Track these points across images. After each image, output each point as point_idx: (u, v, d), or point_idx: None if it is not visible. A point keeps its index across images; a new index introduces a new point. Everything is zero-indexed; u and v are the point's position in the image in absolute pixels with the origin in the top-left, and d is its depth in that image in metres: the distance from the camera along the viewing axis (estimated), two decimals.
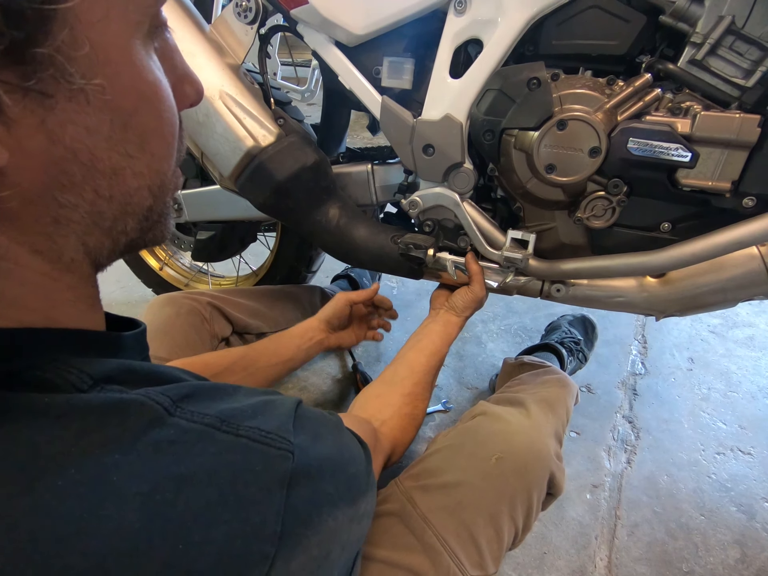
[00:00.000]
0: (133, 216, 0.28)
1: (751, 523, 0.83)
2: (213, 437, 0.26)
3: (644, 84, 0.56)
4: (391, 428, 0.59)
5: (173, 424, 0.25)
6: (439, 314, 0.75)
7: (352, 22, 0.65)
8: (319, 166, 0.75)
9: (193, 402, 0.27)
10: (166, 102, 0.27)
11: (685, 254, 0.60)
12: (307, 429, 0.31)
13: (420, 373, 0.67)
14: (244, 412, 0.28)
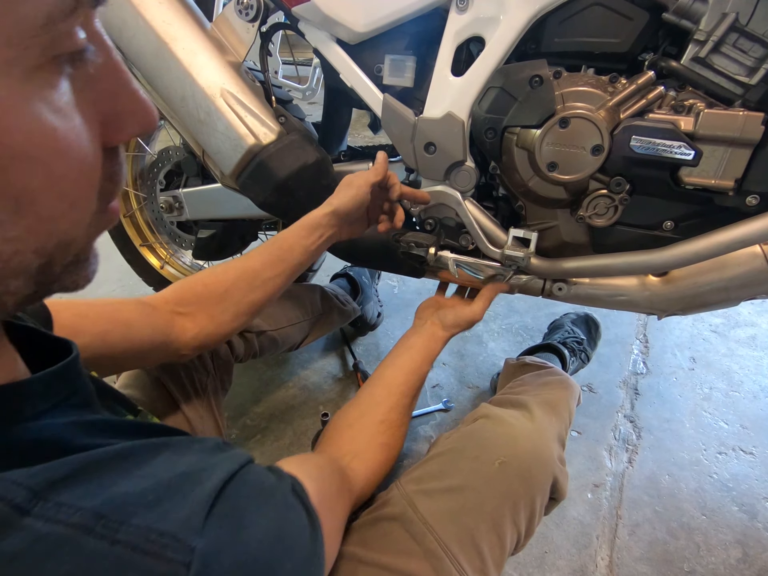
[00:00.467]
0: (18, 277, 0.22)
1: (752, 522, 0.83)
2: (76, 546, 0.20)
3: (647, 82, 0.55)
4: (364, 461, 0.56)
5: (23, 527, 0.20)
6: (425, 326, 0.71)
7: (354, 20, 0.65)
8: (320, 165, 0.75)
9: (70, 488, 0.22)
10: (67, 153, 0.21)
11: (688, 253, 0.60)
12: (229, 518, 0.25)
13: (397, 395, 0.63)
14: (141, 499, 0.23)
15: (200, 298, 0.60)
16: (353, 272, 1.24)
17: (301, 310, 0.96)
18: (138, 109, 0.25)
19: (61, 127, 0.21)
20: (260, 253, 0.64)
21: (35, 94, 0.20)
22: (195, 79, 0.70)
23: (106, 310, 0.51)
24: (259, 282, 0.63)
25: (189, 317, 0.59)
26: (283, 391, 1.09)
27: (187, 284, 0.61)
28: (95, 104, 0.23)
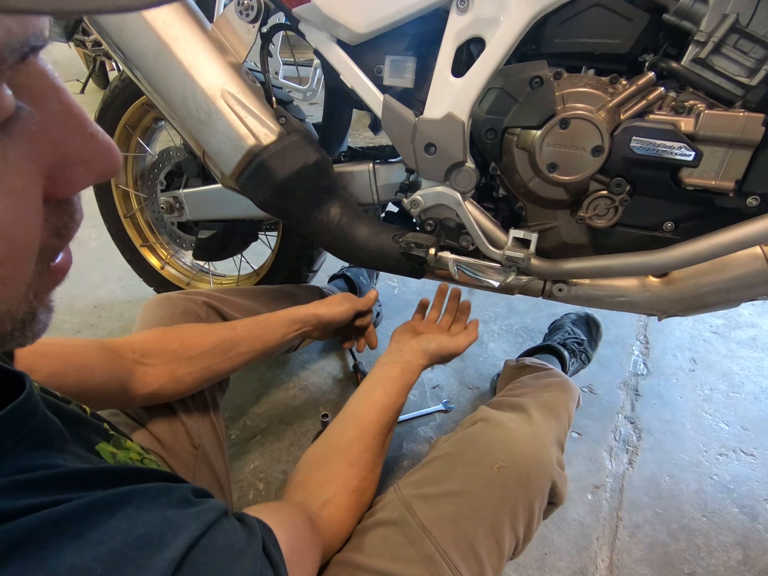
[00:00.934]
0: None
1: (753, 524, 0.83)
2: None
3: (647, 83, 0.55)
4: (335, 508, 0.52)
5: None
6: (402, 353, 0.68)
7: (354, 21, 0.65)
8: (320, 165, 0.75)
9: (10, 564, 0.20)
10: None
11: (688, 254, 0.60)
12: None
13: (371, 434, 0.59)
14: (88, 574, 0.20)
15: (172, 354, 0.61)
16: (351, 273, 1.24)
17: None
18: (93, 157, 0.21)
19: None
20: (245, 327, 0.69)
21: None
22: (195, 80, 0.70)
23: (65, 351, 0.50)
24: (233, 354, 0.66)
25: (152, 370, 0.59)
26: (283, 392, 1.09)
27: (165, 337, 0.62)
28: (36, 159, 0.19)
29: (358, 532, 0.51)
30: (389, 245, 0.77)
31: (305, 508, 0.50)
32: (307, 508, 0.50)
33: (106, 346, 0.56)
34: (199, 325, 0.69)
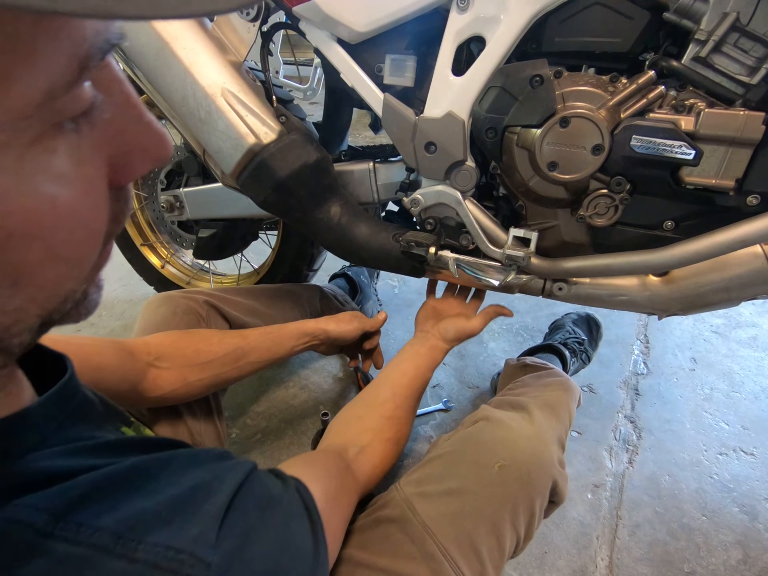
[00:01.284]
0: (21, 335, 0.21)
1: (753, 523, 0.83)
2: (99, 566, 0.21)
3: (648, 81, 0.55)
4: (371, 455, 0.58)
5: (47, 551, 0.20)
6: (427, 338, 0.74)
7: (355, 20, 0.65)
8: (320, 164, 0.75)
9: (86, 508, 0.22)
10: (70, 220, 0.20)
11: (689, 253, 0.60)
12: (239, 529, 0.26)
13: (402, 396, 0.65)
14: (155, 516, 0.23)
15: (186, 359, 0.62)
16: (351, 272, 1.24)
17: (299, 310, 0.96)
18: (150, 144, 0.23)
19: (62, 195, 0.19)
20: (257, 338, 0.71)
21: (32, 167, 0.18)
22: (196, 79, 0.70)
23: (83, 351, 0.51)
24: (243, 363, 0.68)
25: (164, 373, 0.60)
26: (283, 391, 1.09)
27: (180, 342, 0.64)
28: (102, 148, 0.21)
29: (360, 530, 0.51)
30: (389, 244, 0.77)
31: (343, 454, 0.55)
32: (345, 455, 0.55)
33: (122, 346, 0.57)
34: (214, 331, 0.71)
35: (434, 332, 0.74)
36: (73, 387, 0.30)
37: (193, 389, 0.64)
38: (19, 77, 0.16)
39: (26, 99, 0.16)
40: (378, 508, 0.54)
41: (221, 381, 0.67)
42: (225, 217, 0.99)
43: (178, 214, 1.03)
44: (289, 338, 0.74)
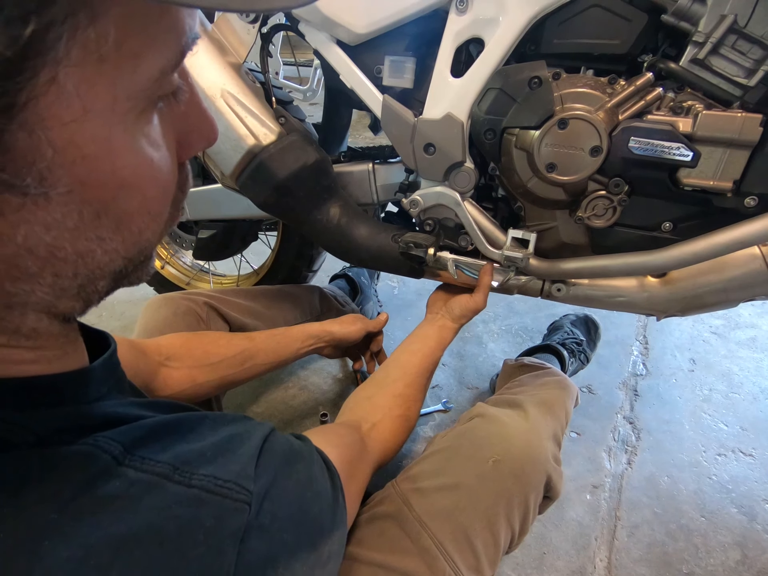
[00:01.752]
0: (105, 278, 0.25)
1: (752, 524, 0.83)
2: (162, 489, 0.24)
3: (646, 83, 0.56)
4: (381, 431, 0.59)
5: (121, 474, 0.24)
6: (436, 319, 0.75)
7: (354, 21, 0.65)
8: (320, 165, 0.75)
9: (147, 446, 0.26)
10: (158, 179, 0.25)
11: (687, 254, 0.60)
12: (270, 469, 0.30)
13: (412, 374, 0.66)
14: (202, 456, 0.27)
15: (196, 360, 0.64)
16: (352, 273, 1.24)
17: (299, 311, 0.97)
18: (204, 126, 0.28)
19: (156, 157, 0.24)
20: (263, 340, 0.72)
21: (140, 132, 0.23)
22: (195, 80, 0.70)
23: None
24: (249, 365, 0.69)
25: (174, 373, 0.62)
26: (283, 391, 1.10)
27: (191, 343, 0.65)
28: (175, 126, 0.26)
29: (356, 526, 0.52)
30: (388, 245, 0.77)
31: (357, 429, 0.57)
32: (358, 430, 0.57)
33: (135, 344, 0.58)
34: (222, 333, 0.73)
35: (442, 313, 0.76)
36: (117, 361, 0.34)
37: (201, 390, 0.65)
38: (146, 57, 0.21)
39: (148, 75, 0.21)
40: (375, 504, 0.54)
41: (228, 383, 0.69)
42: (225, 218, 0.99)
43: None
44: (294, 340, 0.75)
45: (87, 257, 0.23)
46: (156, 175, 0.24)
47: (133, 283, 0.29)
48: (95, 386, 0.30)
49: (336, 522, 0.35)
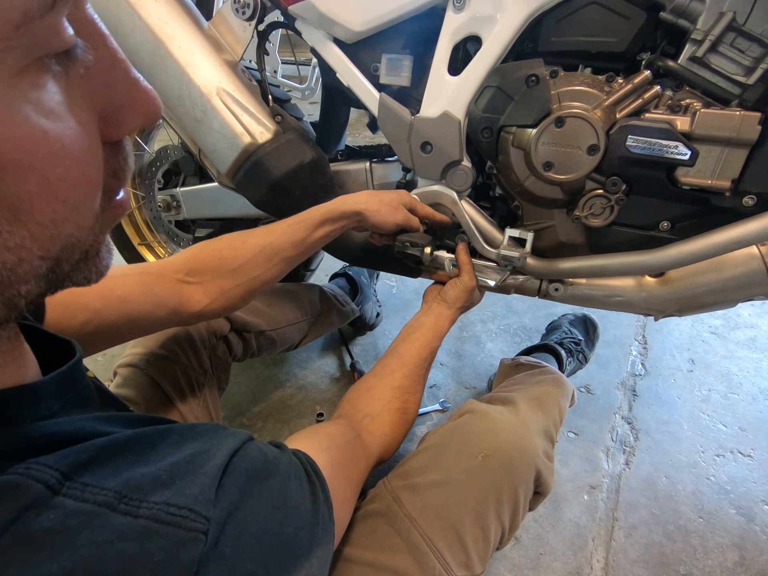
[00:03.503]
0: (28, 282, 0.22)
1: (750, 525, 0.83)
2: (105, 520, 0.22)
3: (643, 81, 0.55)
4: (380, 424, 0.58)
5: (56, 506, 0.21)
6: (431, 307, 0.73)
7: (351, 19, 0.65)
8: (316, 164, 0.75)
9: (92, 470, 0.24)
10: (62, 156, 0.21)
11: (684, 253, 0.60)
12: (234, 488, 0.27)
13: (410, 365, 0.65)
14: (156, 479, 0.25)
15: (215, 270, 0.58)
16: (352, 272, 1.24)
17: (300, 310, 0.96)
18: (137, 100, 0.24)
19: (53, 130, 0.20)
20: (284, 230, 0.63)
21: (21, 97, 0.19)
22: (191, 78, 0.70)
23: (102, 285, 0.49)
24: (278, 260, 0.61)
25: (199, 288, 0.57)
26: (281, 391, 1.09)
27: (203, 254, 0.60)
28: (91, 99, 0.22)
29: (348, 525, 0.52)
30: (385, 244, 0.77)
31: (353, 424, 0.55)
32: (355, 424, 0.55)
33: (147, 271, 0.55)
34: (237, 234, 0.64)
35: (438, 301, 0.74)
36: (79, 372, 0.31)
37: (232, 298, 0.60)
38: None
39: (5, 18, 0.17)
40: (366, 502, 0.54)
41: (260, 284, 0.62)
42: (222, 216, 0.99)
43: (175, 214, 1.03)
44: (321, 224, 0.64)
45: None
46: (57, 151, 0.20)
47: (81, 283, 0.25)
48: (44, 403, 0.27)
49: (315, 541, 0.33)
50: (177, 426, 0.30)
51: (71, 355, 0.31)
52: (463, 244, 0.74)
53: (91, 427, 0.27)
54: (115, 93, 0.23)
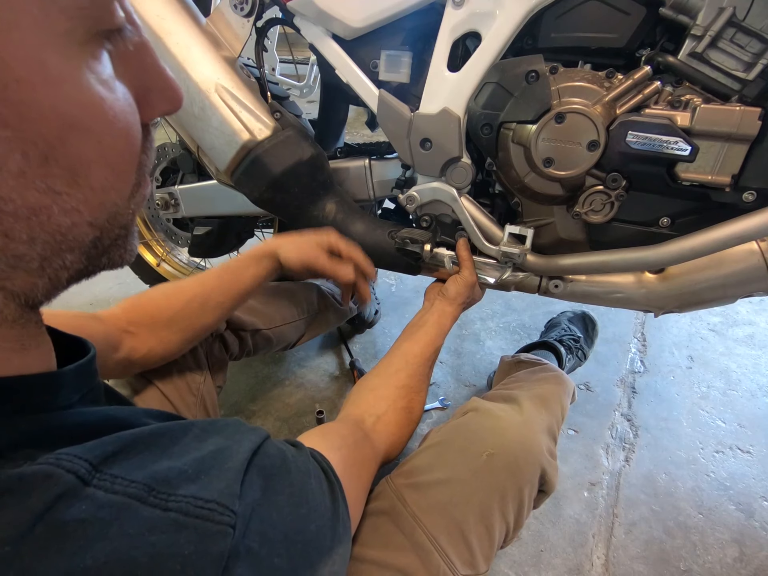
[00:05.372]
0: (73, 251, 0.23)
1: (749, 521, 0.83)
2: (135, 512, 0.22)
3: (644, 77, 0.55)
4: (386, 424, 0.58)
5: (88, 496, 0.21)
6: (434, 305, 0.73)
7: (350, 15, 0.65)
8: (315, 161, 0.75)
9: (120, 462, 0.24)
10: (114, 124, 0.22)
11: (684, 249, 0.60)
12: (259, 484, 0.28)
13: (415, 364, 0.65)
14: (182, 473, 0.25)
15: (151, 319, 0.61)
16: None
17: (296, 308, 0.96)
18: (166, 87, 0.26)
19: (108, 98, 0.22)
20: (212, 278, 0.67)
21: (85, 65, 0.21)
22: (189, 74, 0.69)
23: (73, 324, 0.51)
24: (211, 306, 0.65)
25: (137, 337, 0.59)
26: (280, 389, 1.09)
27: (139, 304, 0.62)
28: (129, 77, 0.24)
29: None
30: (385, 241, 0.77)
31: (360, 424, 0.56)
32: (362, 424, 0.56)
33: (98, 318, 0.57)
34: (168, 284, 0.67)
35: (439, 298, 0.74)
36: (95, 368, 0.32)
37: (170, 346, 0.63)
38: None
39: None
40: (370, 500, 0.54)
41: (197, 330, 0.65)
42: (220, 214, 0.98)
43: (174, 212, 1.02)
44: (246, 267, 0.68)
45: (42, 214, 0.21)
46: (111, 119, 0.22)
47: (114, 263, 0.26)
48: (65, 393, 0.27)
49: (336, 538, 0.33)
50: (198, 422, 0.30)
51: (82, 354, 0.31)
52: (463, 240, 0.74)
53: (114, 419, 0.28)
54: (147, 77, 0.25)
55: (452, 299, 0.73)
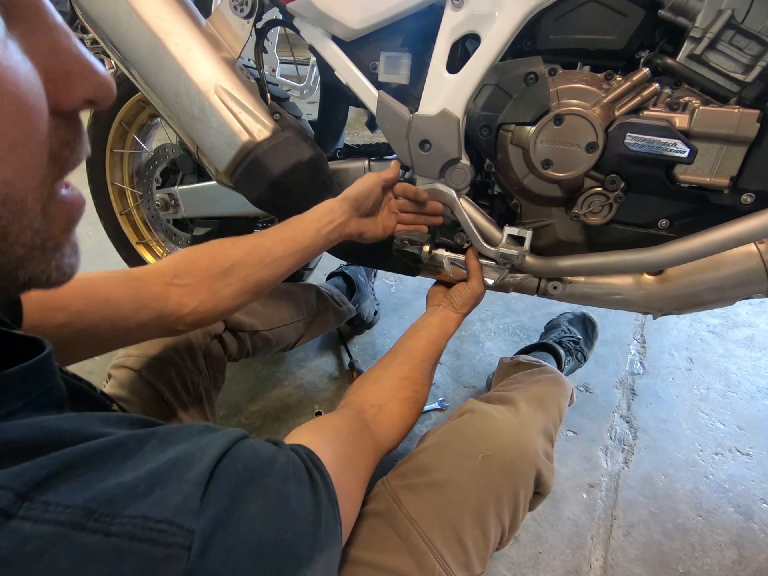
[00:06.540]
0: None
1: (748, 524, 0.83)
2: (69, 542, 0.19)
3: (642, 79, 0.55)
4: (388, 414, 0.57)
5: (11, 530, 0.19)
6: (438, 310, 0.74)
7: (349, 16, 0.65)
8: (315, 162, 0.75)
9: (56, 486, 0.21)
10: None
11: (683, 251, 0.60)
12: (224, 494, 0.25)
13: (418, 359, 0.65)
14: (131, 490, 0.22)
15: (204, 270, 0.56)
16: (349, 271, 1.24)
17: (295, 309, 0.96)
18: (87, 72, 0.23)
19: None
20: (273, 231, 0.62)
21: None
22: (189, 75, 0.70)
23: (84, 287, 0.47)
24: (270, 260, 0.60)
25: (187, 290, 0.55)
26: (279, 390, 1.09)
27: (191, 255, 0.58)
28: (37, 57, 0.22)
29: None
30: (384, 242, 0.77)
31: (360, 414, 0.55)
32: (362, 414, 0.55)
33: (130, 275, 0.53)
34: (226, 238, 0.63)
35: (445, 304, 0.75)
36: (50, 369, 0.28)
37: (223, 299, 0.58)
38: None
39: None
40: (365, 502, 0.53)
41: (252, 285, 0.60)
42: (220, 215, 0.98)
43: (173, 213, 1.02)
44: (310, 222, 0.64)
45: None
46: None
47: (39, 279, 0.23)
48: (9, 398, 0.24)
49: (317, 546, 0.30)
50: (160, 429, 0.27)
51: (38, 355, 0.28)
52: (473, 249, 0.74)
53: (57, 431, 0.24)
54: (62, 60, 0.22)
55: (458, 307, 0.74)
